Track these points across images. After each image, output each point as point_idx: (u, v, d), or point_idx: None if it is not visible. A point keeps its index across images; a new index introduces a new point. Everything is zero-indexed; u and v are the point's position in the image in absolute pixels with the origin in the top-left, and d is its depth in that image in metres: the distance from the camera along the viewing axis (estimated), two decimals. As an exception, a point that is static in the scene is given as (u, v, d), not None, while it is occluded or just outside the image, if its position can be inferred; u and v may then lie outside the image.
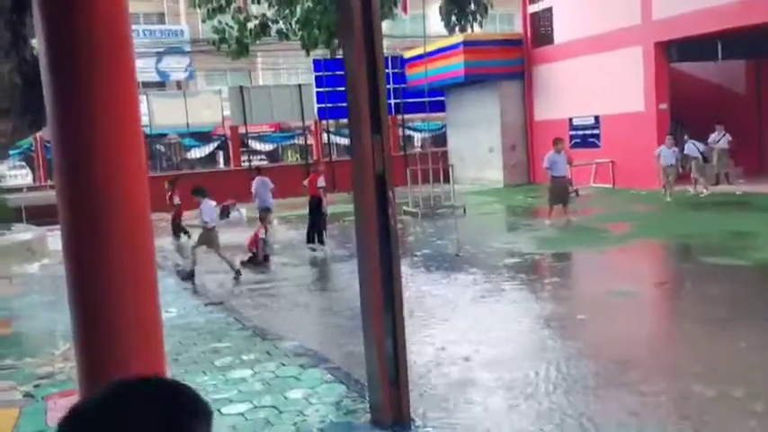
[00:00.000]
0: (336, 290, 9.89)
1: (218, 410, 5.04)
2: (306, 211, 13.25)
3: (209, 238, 10.65)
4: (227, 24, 17.81)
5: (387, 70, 26.37)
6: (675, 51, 18.25)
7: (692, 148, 17.13)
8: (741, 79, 20.73)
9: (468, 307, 8.04)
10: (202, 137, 28.42)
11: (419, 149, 27.18)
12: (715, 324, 6.70)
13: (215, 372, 5.96)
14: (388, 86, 26.06)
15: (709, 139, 18.19)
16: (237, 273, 10.57)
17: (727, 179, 17.95)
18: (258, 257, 11.70)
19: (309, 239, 12.68)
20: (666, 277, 9.15)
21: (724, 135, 17.95)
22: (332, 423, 4.69)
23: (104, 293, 2.91)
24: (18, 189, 20.67)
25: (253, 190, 15.39)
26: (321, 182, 12.74)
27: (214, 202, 10.94)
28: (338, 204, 12.83)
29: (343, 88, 5.14)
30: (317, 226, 12.66)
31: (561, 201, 13.83)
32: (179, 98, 25.63)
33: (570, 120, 21.26)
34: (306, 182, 13.42)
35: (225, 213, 19.38)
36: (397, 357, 4.64)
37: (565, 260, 10.84)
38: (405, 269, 9.90)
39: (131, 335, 2.92)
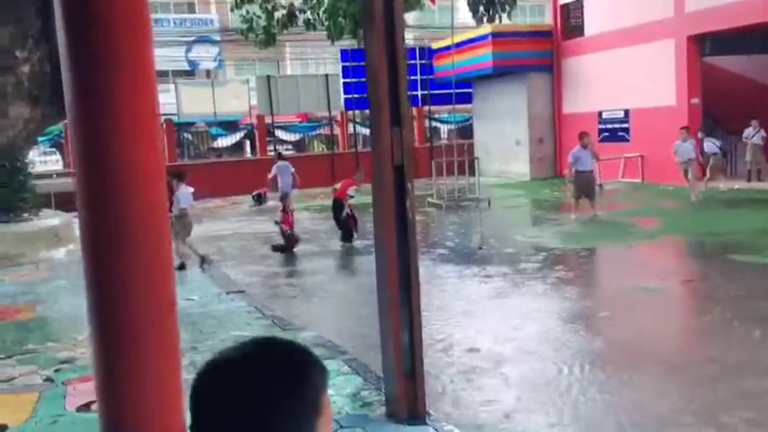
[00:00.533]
0: (358, 281, 9.87)
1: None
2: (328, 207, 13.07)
3: (184, 225, 10.69)
4: (254, 14, 17.83)
5: (414, 61, 26.33)
6: (709, 45, 17.88)
7: (709, 145, 16.87)
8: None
9: (491, 302, 7.98)
10: (229, 126, 28.57)
11: (445, 141, 27.04)
12: (744, 322, 6.55)
13: (233, 360, 5.97)
14: (414, 77, 26.08)
15: (744, 135, 17.84)
16: (203, 260, 10.53)
17: (759, 176, 17.56)
18: (293, 238, 11.78)
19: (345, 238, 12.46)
20: (694, 275, 8.98)
21: (759, 131, 17.57)
22: (347, 415, 4.67)
23: (118, 281, 2.92)
24: (48, 175, 20.96)
25: (271, 175, 15.41)
26: (353, 191, 12.30)
27: (192, 189, 10.92)
28: (360, 196, 12.74)
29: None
30: (347, 225, 12.45)
31: (587, 195, 13.67)
32: (207, 87, 25.78)
33: (600, 113, 20.97)
34: (338, 185, 13.08)
35: (258, 201, 19.57)
36: (414, 351, 4.60)
37: (591, 255, 10.70)
38: (426, 262, 9.88)
39: (144, 323, 2.93)
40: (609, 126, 20.64)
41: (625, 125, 19.80)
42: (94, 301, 3.01)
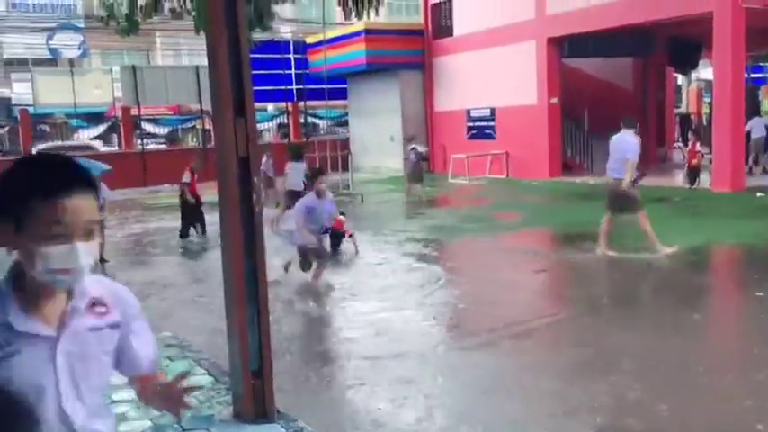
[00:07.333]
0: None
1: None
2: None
3: None
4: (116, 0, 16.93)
5: (289, 55, 25.98)
6: (567, 47, 18.86)
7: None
8: (628, 76, 21.71)
9: (359, 291, 7.99)
10: (93, 118, 27.05)
11: (324, 136, 27.00)
12: (589, 307, 6.94)
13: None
14: (289, 72, 25.67)
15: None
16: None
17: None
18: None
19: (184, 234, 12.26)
20: (545, 265, 9.43)
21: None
22: (192, 417, 4.49)
23: None
24: None
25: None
26: (186, 177, 12.30)
27: None
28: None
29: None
30: (190, 219, 12.28)
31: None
32: (66, 76, 24.26)
33: (468, 111, 21.63)
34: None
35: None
36: (261, 348, 4.50)
37: (453, 247, 10.99)
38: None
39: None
40: (477, 124, 21.32)
41: (491, 123, 20.53)
42: None
